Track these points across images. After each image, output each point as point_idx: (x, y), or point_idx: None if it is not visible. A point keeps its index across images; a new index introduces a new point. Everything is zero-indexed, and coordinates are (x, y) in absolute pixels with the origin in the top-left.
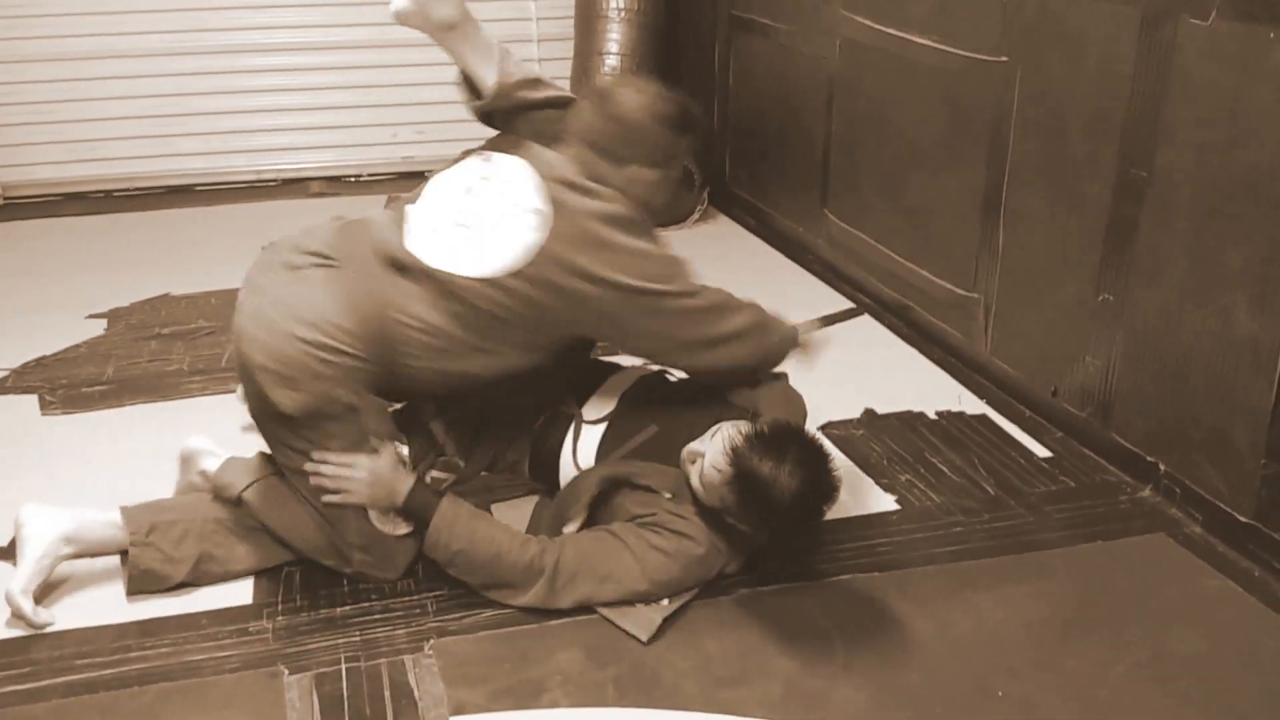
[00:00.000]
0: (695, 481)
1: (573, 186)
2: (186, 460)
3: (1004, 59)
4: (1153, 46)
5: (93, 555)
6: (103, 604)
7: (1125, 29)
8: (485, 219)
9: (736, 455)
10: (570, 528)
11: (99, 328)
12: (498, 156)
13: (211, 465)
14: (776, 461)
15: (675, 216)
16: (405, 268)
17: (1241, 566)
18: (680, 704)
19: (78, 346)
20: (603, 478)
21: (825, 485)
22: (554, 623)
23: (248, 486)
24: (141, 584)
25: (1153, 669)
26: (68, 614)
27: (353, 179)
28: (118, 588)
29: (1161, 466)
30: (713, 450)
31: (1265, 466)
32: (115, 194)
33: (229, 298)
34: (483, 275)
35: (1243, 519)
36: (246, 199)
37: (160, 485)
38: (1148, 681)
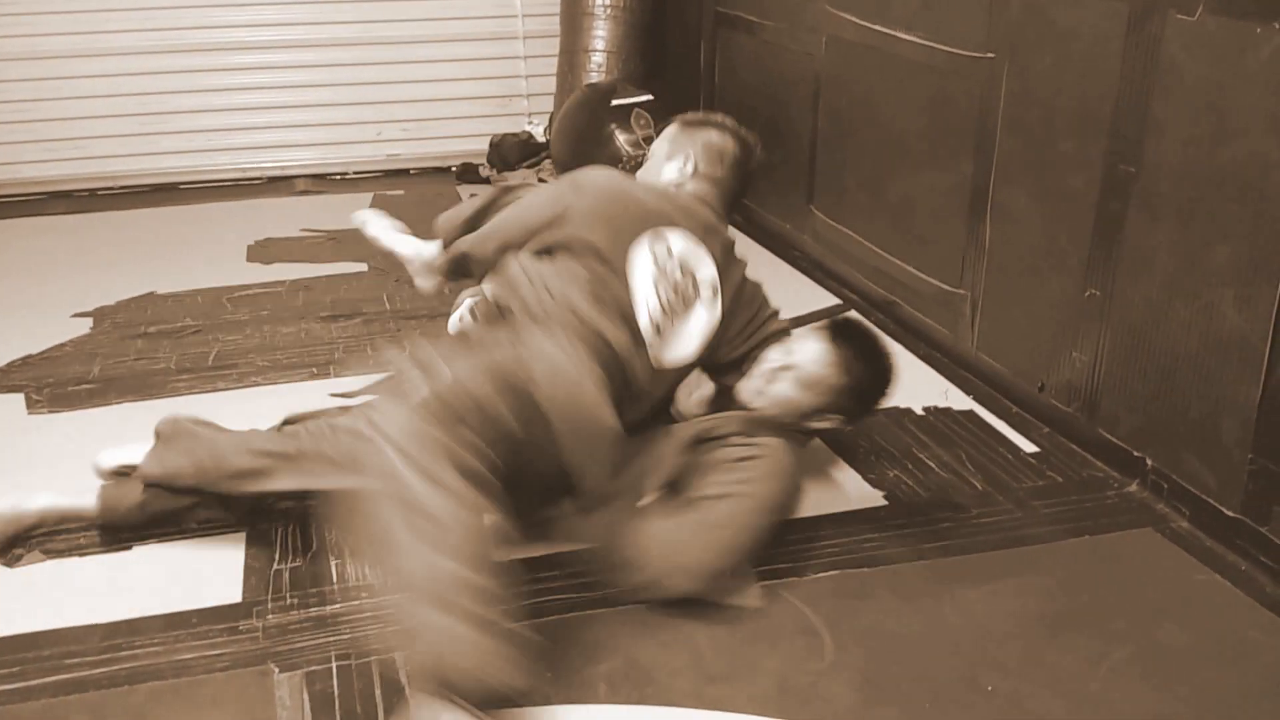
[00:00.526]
0: (790, 389)
1: (719, 240)
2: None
3: (990, 55)
4: (1140, 42)
5: (63, 519)
6: (92, 603)
7: (1112, 24)
8: (685, 304)
9: (836, 341)
10: (647, 501)
11: (85, 326)
12: (666, 232)
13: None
14: (864, 340)
15: None
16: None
17: (1229, 561)
18: (671, 700)
19: (63, 345)
20: (686, 441)
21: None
22: (546, 620)
23: (146, 489)
24: (111, 489)
25: (1140, 663)
26: (57, 613)
27: (338, 177)
28: (106, 587)
29: (1148, 461)
30: (806, 351)
31: (1252, 461)
32: (100, 192)
33: (214, 296)
34: (696, 354)
35: (1230, 513)
36: (231, 197)
37: None
38: (1136, 676)
